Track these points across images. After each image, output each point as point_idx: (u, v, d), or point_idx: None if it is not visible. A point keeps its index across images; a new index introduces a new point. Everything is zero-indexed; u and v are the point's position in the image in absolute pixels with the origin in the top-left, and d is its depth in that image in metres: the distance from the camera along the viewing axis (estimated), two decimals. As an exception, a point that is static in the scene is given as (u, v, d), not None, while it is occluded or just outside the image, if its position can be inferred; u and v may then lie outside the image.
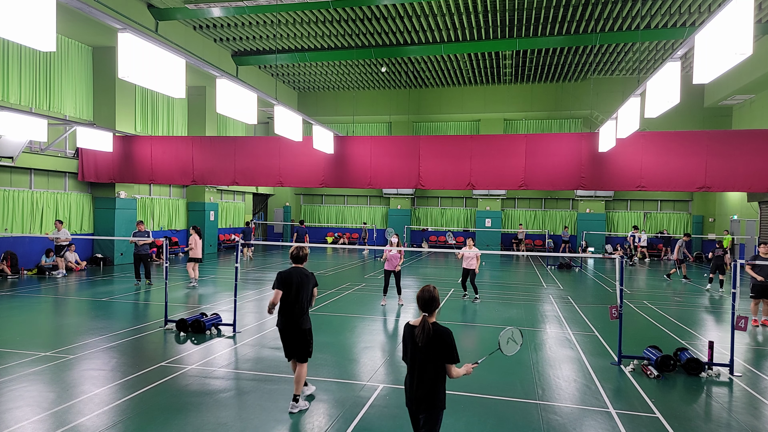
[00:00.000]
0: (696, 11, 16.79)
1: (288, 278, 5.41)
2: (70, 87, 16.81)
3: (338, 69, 24.92)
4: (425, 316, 3.61)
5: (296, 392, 5.41)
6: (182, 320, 8.50)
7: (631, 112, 10.89)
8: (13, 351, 7.23)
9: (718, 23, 5.67)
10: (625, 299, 8.84)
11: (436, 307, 3.65)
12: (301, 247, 5.61)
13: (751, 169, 13.66)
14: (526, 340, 8.43)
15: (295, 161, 16.41)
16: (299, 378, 5.41)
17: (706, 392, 6.32)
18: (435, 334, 3.55)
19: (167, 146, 17.34)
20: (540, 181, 15.12)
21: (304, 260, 5.59)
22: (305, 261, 5.60)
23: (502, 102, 27.00)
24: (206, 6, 15.94)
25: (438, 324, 3.61)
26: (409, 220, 29.15)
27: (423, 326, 3.56)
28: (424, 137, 16.38)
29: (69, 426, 4.87)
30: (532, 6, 16.89)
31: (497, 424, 5.16)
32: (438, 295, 3.69)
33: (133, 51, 7.03)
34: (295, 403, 5.37)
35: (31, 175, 15.86)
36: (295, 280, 5.41)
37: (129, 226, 18.28)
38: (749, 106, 21.83)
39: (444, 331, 3.57)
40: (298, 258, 5.55)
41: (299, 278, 5.43)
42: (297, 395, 5.40)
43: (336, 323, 9.47)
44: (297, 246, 5.63)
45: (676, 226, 26.64)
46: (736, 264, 6.79)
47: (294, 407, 5.35)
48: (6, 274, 14.29)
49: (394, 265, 11.01)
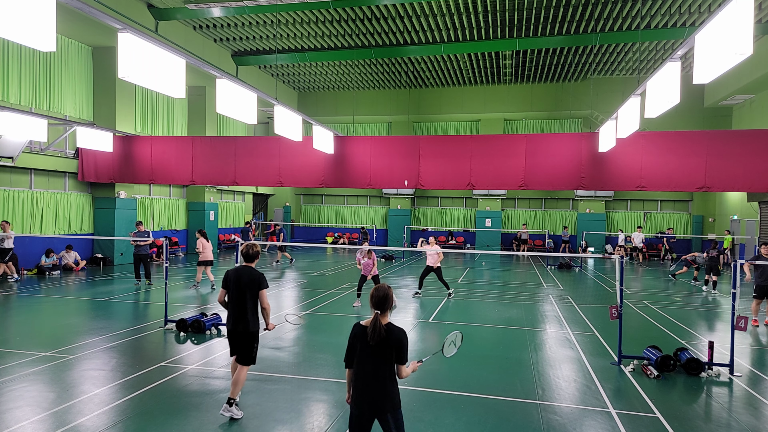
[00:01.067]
0: (696, 11, 16.79)
1: (230, 277, 5.20)
2: (70, 87, 16.81)
3: (338, 69, 24.92)
4: (377, 314, 3.51)
5: (232, 395, 5.08)
6: (182, 320, 8.50)
7: (631, 112, 10.89)
8: (13, 351, 7.23)
9: (718, 23, 5.67)
10: (625, 299, 8.83)
11: (390, 306, 3.58)
12: (252, 245, 5.36)
13: (751, 169, 13.67)
14: (527, 340, 8.44)
15: (295, 161, 16.42)
16: (237, 381, 5.13)
17: (706, 392, 6.32)
18: (388, 334, 3.49)
19: (167, 146, 17.34)
20: (540, 181, 15.12)
21: (255, 258, 5.32)
22: (256, 259, 5.33)
23: (502, 102, 27.00)
24: (206, 6, 15.94)
25: (392, 324, 3.56)
26: (409, 220, 29.14)
27: (375, 325, 3.48)
28: (424, 137, 16.39)
29: (69, 426, 4.87)
30: (532, 6, 16.89)
31: (497, 424, 5.16)
32: (392, 294, 3.63)
33: (133, 51, 7.03)
34: (228, 407, 5.03)
35: (31, 175, 15.86)
36: (242, 279, 5.15)
37: (129, 226, 18.28)
38: (749, 106, 21.83)
39: (398, 331, 3.52)
40: (247, 256, 5.31)
41: (245, 278, 5.16)
42: (232, 399, 5.06)
43: (336, 323, 9.46)
44: (247, 244, 5.38)
45: (676, 226, 26.64)
46: (736, 264, 6.78)
47: (227, 411, 5.03)
48: (6, 274, 14.28)
49: (369, 271, 11.12)
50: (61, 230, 16.79)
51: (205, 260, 13.12)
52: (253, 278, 5.17)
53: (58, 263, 15.55)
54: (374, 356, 3.50)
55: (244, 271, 5.21)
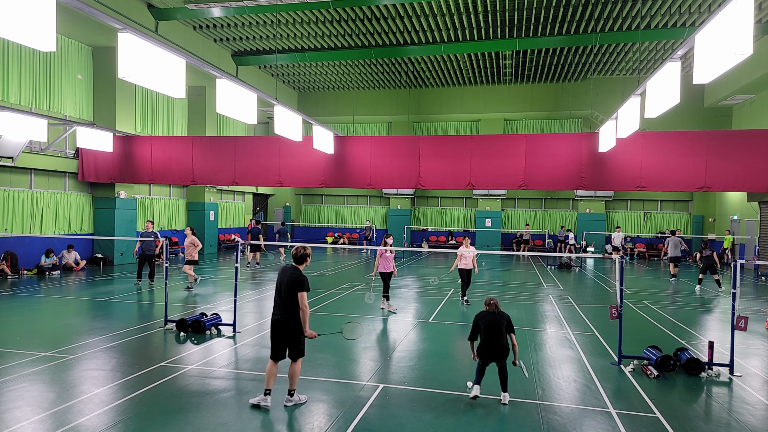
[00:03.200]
0: (696, 11, 16.79)
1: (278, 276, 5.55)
2: (70, 87, 16.81)
3: (338, 69, 24.92)
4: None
5: (291, 387, 5.57)
6: (182, 320, 8.50)
7: (631, 112, 10.89)
8: (13, 351, 7.23)
9: (718, 23, 5.67)
10: (625, 299, 8.83)
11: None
12: (302, 246, 5.61)
13: (751, 169, 13.66)
14: (527, 340, 8.43)
15: (295, 161, 16.41)
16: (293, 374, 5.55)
17: (706, 392, 6.32)
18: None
19: (167, 146, 17.34)
20: (540, 181, 15.12)
21: (304, 261, 5.54)
22: (305, 263, 5.55)
23: (502, 102, 26.99)
24: (206, 6, 15.94)
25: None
26: (409, 220, 29.14)
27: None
28: (424, 137, 16.39)
29: (69, 426, 4.87)
30: (532, 6, 16.89)
31: (497, 424, 5.16)
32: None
33: (133, 51, 7.03)
34: (290, 397, 5.51)
35: (31, 175, 15.86)
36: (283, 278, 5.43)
37: (129, 226, 18.30)
38: (749, 106, 21.83)
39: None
40: (295, 258, 5.54)
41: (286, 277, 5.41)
42: (292, 390, 5.56)
43: (336, 323, 9.46)
44: (297, 246, 5.63)
45: (676, 226, 26.64)
46: (737, 264, 6.78)
47: (288, 401, 5.50)
48: (6, 274, 14.29)
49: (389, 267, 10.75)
50: (61, 230, 16.79)
51: (193, 260, 13.04)
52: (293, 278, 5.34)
53: (58, 263, 15.56)
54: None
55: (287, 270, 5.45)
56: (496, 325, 5.67)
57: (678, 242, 16.38)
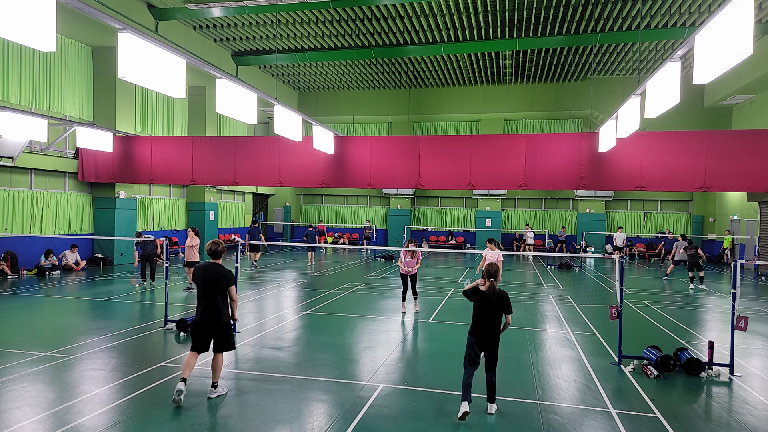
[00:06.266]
0: (696, 11, 16.79)
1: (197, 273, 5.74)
2: (70, 87, 16.81)
3: (338, 69, 24.92)
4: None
5: (215, 379, 5.71)
6: (182, 320, 8.49)
7: (631, 112, 10.89)
8: (13, 351, 7.23)
9: (718, 23, 5.67)
10: (625, 299, 8.83)
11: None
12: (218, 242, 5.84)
13: (751, 169, 13.66)
14: (527, 340, 8.43)
15: (295, 161, 16.41)
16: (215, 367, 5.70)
17: (706, 392, 6.32)
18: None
19: (167, 146, 17.34)
20: (540, 181, 15.12)
21: (220, 256, 5.82)
22: (221, 257, 5.83)
23: (502, 102, 26.99)
24: (206, 6, 15.94)
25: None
26: (409, 220, 29.14)
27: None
28: (424, 137, 16.38)
29: (69, 426, 4.87)
30: (532, 6, 16.89)
31: (497, 424, 5.16)
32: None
33: (133, 51, 7.03)
34: (214, 389, 5.67)
35: (31, 175, 15.86)
36: (208, 276, 5.65)
37: (129, 226, 18.29)
38: (749, 106, 21.83)
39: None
40: (214, 253, 5.78)
41: (212, 274, 5.65)
42: (215, 382, 5.70)
43: (336, 323, 9.46)
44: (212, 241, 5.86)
45: (676, 226, 26.64)
46: (737, 264, 6.78)
47: (212, 393, 5.65)
48: (6, 274, 14.29)
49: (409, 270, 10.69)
50: (61, 230, 16.79)
51: (193, 261, 12.91)
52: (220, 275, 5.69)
53: (57, 263, 15.56)
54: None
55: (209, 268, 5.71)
56: (493, 313, 5.38)
57: (686, 246, 16.37)
